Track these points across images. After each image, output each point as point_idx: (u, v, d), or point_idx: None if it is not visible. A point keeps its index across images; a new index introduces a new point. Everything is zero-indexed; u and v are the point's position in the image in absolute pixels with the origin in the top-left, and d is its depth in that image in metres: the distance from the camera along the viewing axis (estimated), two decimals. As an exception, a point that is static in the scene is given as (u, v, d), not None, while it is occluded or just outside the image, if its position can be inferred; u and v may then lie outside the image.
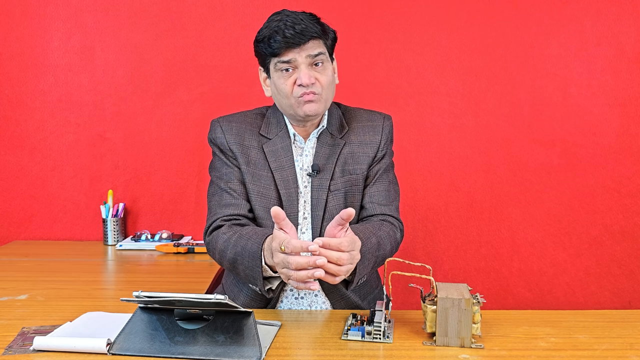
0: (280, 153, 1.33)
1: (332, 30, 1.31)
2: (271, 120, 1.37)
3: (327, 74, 1.27)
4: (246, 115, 1.39)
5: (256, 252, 1.12)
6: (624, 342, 1.01)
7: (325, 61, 1.27)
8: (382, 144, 1.37)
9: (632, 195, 2.13)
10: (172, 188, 2.17)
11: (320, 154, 1.33)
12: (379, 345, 1.00)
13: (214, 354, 0.94)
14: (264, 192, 1.31)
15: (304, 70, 1.24)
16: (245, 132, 1.35)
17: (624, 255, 2.15)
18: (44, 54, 2.12)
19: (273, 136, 1.35)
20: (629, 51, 2.08)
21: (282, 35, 1.20)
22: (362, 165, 1.35)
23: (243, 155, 1.33)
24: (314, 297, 1.33)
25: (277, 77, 1.27)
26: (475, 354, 0.96)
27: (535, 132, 2.13)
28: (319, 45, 1.25)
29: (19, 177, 2.17)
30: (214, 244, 1.26)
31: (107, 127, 2.15)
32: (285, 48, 1.22)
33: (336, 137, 1.35)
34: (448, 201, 2.17)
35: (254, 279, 1.15)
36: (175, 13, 2.12)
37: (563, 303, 2.17)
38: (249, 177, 1.32)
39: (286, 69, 1.25)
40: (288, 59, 1.23)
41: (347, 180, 1.33)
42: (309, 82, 1.23)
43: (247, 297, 1.32)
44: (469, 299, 0.98)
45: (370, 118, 1.40)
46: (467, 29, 2.11)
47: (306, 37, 1.22)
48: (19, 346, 1.00)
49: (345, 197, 1.32)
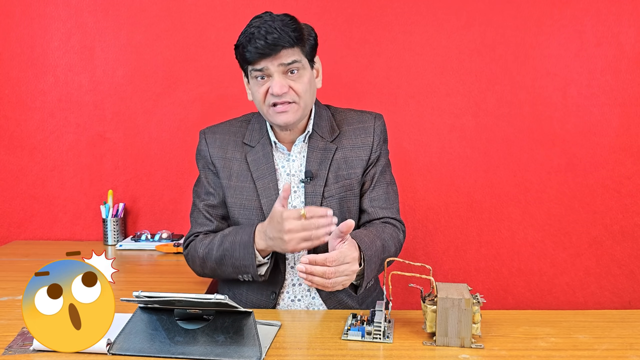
0: (262, 161, 1.33)
1: (312, 35, 1.28)
2: (254, 126, 1.38)
3: (302, 81, 1.26)
4: (232, 124, 1.41)
5: (248, 242, 1.21)
6: (624, 342, 1.01)
7: (301, 68, 1.25)
8: (374, 145, 1.36)
9: (632, 195, 2.13)
10: (172, 188, 2.17)
11: (312, 159, 1.32)
12: (379, 345, 1.00)
13: (214, 354, 0.94)
14: (246, 204, 1.33)
15: (277, 79, 1.23)
16: (229, 143, 1.37)
17: (624, 255, 2.15)
18: (44, 54, 2.12)
19: (255, 144, 1.36)
20: (629, 51, 2.08)
21: (254, 45, 1.21)
22: (357, 169, 1.34)
23: (225, 169, 1.35)
24: (312, 300, 1.33)
25: (253, 84, 1.28)
26: (476, 354, 0.96)
27: (535, 132, 2.13)
28: (294, 53, 1.24)
29: (19, 177, 2.17)
30: (194, 252, 1.31)
31: (107, 127, 2.15)
32: (258, 57, 1.22)
33: (327, 140, 1.34)
34: (448, 201, 2.17)
35: (246, 267, 1.22)
36: (175, 13, 2.12)
37: (563, 303, 2.17)
38: (231, 191, 1.34)
39: (260, 76, 1.25)
40: (261, 67, 1.23)
41: (342, 186, 1.33)
42: (279, 92, 1.23)
43: (241, 303, 1.32)
44: (469, 299, 0.98)
45: (360, 119, 1.38)
46: (467, 29, 2.11)
47: (277, 48, 1.21)
48: (19, 346, 1.00)
49: (340, 203, 1.32)
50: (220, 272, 1.29)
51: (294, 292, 1.33)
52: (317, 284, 1.09)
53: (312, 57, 1.30)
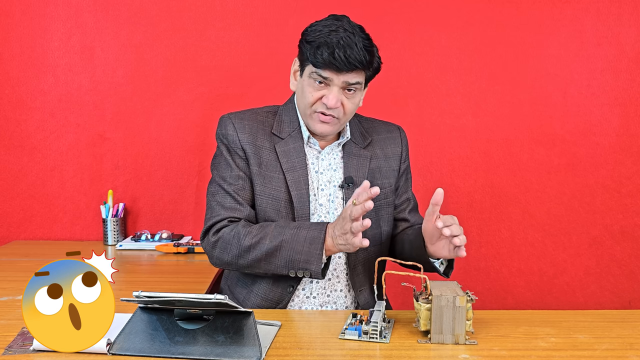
0: (293, 154, 1.32)
1: (378, 62, 1.30)
2: (284, 118, 1.36)
3: (354, 101, 1.28)
4: (257, 113, 1.37)
5: (317, 237, 1.17)
6: (624, 342, 1.01)
7: (358, 90, 1.27)
8: (403, 155, 1.44)
9: (632, 195, 2.13)
10: (172, 188, 2.17)
11: (349, 165, 1.34)
12: (377, 346, 1.00)
13: (214, 354, 0.94)
14: (275, 194, 1.30)
15: (334, 92, 1.23)
16: (258, 131, 1.33)
17: (624, 255, 2.15)
18: (44, 54, 2.12)
19: (286, 136, 1.33)
20: (629, 51, 2.08)
21: (331, 54, 1.19)
22: (390, 179, 1.40)
23: (256, 156, 1.31)
24: (326, 298, 1.33)
25: (307, 83, 1.26)
26: (476, 354, 0.96)
27: (535, 132, 2.13)
28: (359, 76, 1.25)
29: (19, 177, 2.17)
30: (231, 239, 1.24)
31: (107, 127, 2.15)
32: (327, 67, 1.21)
33: (360, 146, 1.37)
34: (448, 201, 2.16)
35: (307, 263, 1.18)
36: (175, 13, 2.12)
37: (563, 303, 2.17)
38: (260, 179, 1.30)
39: (319, 81, 1.24)
40: (326, 76, 1.22)
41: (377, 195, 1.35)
42: (334, 106, 1.23)
43: (257, 297, 1.31)
44: (463, 297, 0.99)
45: (388, 129, 1.46)
46: (467, 29, 2.11)
47: (351, 66, 1.20)
48: (19, 346, 1.00)
49: (376, 212, 1.35)
50: (264, 265, 1.23)
51: (310, 289, 1.32)
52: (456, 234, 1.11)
53: (370, 80, 1.32)
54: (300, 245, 1.18)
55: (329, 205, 1.33)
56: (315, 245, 1.17)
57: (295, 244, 1.18)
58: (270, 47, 2.10)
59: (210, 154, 1.40)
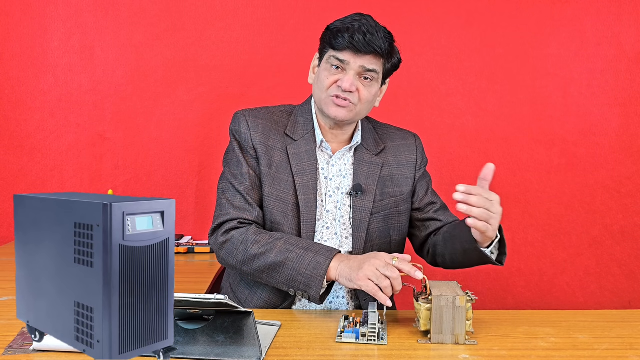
0: (304, 157, 1.31)
1: (398, 57, 1.30)
2: (298, 120, 1.35)
3: (370, 91, 1.27)
4: (272, 112, 1.36)
5: (322, 264, 1.14)
6: (624, 342, 1.01)
7: (375, 80, 1.27)
8: (418, 162, 1.41)
9: (632, 195, 2.13)
10: (172, 188, 2.17)
11: (359, 172, 1.33)
12: (377, 345, 1.00)
13: (214, 354, 0.94)
14: (283, 197, 1.29)
15: (350, 76, 1.23)
16: (271, 131, 1.32)
17: (624, 255, 2.15)
18: (44, 54, 2.12)
19: (299, 138, 1.32)
20: (629, 51, 2.08)
21: (351, 35, 1.20)
22: (403, 187, 1.38)
23: (266, 156, 1.30)
24: (329, 304, 1.33)
25: (324, 69, 1.27)
26: (476, 354, 0.96)
27: (535, 132, 2.13)
28: (377, 63, 1.25)
29: (19, 177, 2.17)
30: (239, 245, 1.22)
31: (107, 127, 2.15)
32: (347, 49, 1.22)
33: (372, 153, 1.36)
34: (448, 201, 2.16)
35: (306, 286, 1.15)
36: (175, 13, 2.12)
37: (563, 303, 2.17)
38: (269, 180, 1.29)
39: (336, 66, 1.24)
40: (343, 58, 1.23)
41: (387, 203, 1.34)
42: (348, 89, 1.23)
43: (261, 300, 1.31)
44: (463, 297, 0.99)
45: (403, 136, 1.43)
46: (467, 29, 2.11)
47: (369, 49, 1.21)
48: (19, 346, 1.00)
49: (385, 220, 1.34)
50: (266, 277, 1.22)
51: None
52: (476, 215, 1.10)
53: (388, 75, 1.32)
54: (304, 267, 1.16)
55: (335, 212, 1.32)
56: (318, 270, 1.14)
57: (299, 265, 1.16)
58: (270, 47, 2.10)
59: (210, 154, 1.40)
